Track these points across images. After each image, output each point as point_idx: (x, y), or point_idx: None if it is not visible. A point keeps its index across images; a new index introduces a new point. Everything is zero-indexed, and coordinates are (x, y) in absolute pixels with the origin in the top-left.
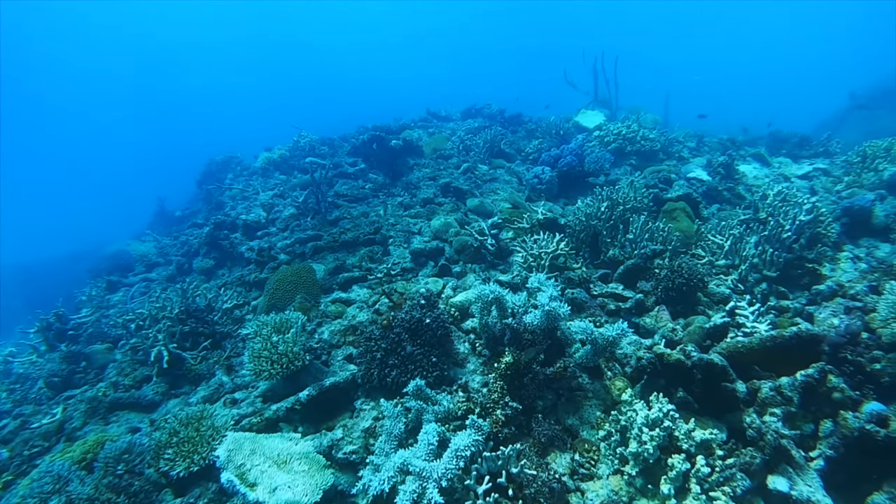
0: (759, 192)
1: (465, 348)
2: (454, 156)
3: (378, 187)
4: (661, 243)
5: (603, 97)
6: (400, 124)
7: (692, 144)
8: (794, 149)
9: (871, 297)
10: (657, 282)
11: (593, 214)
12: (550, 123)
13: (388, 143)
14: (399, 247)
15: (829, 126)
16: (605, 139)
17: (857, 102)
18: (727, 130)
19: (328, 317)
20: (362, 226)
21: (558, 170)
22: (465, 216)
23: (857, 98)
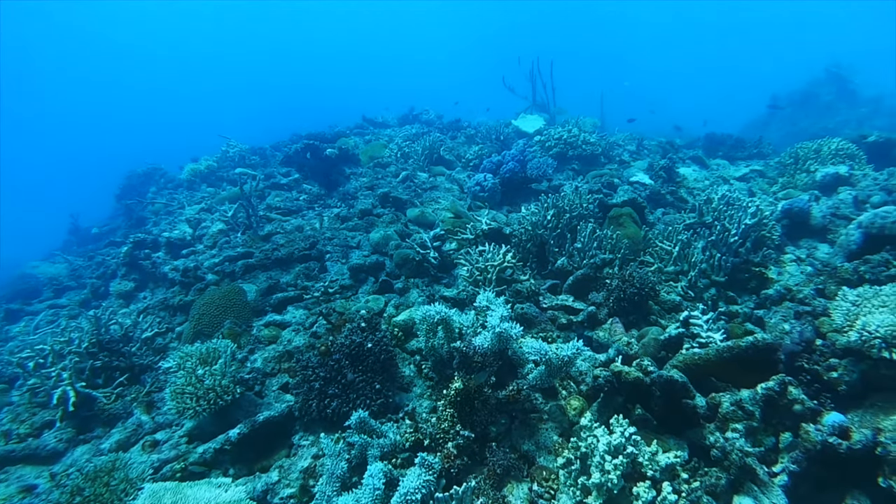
0: (700, 195)
1: (410, 371)
2: (392, 164)
3: (313, 198)
4: (609, 252)
5: (541, 101)
6: (335, 132)
7: (632, 148)
8: (730, 151)
9: (819, 301)
10: (609, 293)
11: (539, 223)
12: (490, 128)
13: (323, 151)
14: (337, 262)
15: (755, 128)
16: (547, 144)
17: (771, 104)
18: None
19: (261, 342)
20: (297, 241)
21: (500, 176)
22: (405, 227)
23: (779, 102)
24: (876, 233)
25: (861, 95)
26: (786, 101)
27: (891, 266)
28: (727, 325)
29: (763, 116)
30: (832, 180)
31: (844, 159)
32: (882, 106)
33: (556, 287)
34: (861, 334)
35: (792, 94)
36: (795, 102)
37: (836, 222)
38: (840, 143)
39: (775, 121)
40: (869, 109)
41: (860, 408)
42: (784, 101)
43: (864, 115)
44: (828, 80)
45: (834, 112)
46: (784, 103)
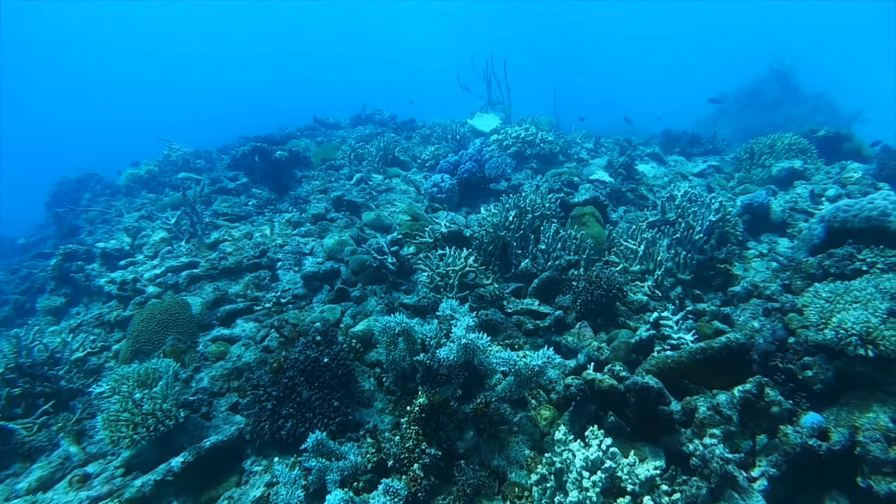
0: (660, 192)
1: (370, 385)
2: (345, 166)
3: (263, 203)
4: (574, 252)
5: (496, 100)
6: (285, 134)
7: (590, 145)
8: (687, 147)
9: (787, 297)
10: (575, 295)
11: (501, 224)
12: (446, 128)
13: (272, 154)
14: (289, 270)
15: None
16: (504, 143)
17: (711, 98)
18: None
19: (208, 359)
20: (246, 248)
21: (458, 177)
22: (361, 232)
23: (727, 99)
24: (838, 226)
25: (804, 92)
26: (734, 98)
27: (855, 259)
28: (695, 325)
29: (713, 113)
30: (787, 174)
31: (797, 154)
32: (823, 102)
33: (521, 290)
34: (837, 332)
35: (740, 92)
36: (743, 99)
37: (795, 216)
38: (792, 139)
39: (725, 117)
40: (811, 105)
41: (835, 405)
42: (732, 99)
43: (807, 111)
44: (772, 77)
45: (779, 108)
46: (732, 100)
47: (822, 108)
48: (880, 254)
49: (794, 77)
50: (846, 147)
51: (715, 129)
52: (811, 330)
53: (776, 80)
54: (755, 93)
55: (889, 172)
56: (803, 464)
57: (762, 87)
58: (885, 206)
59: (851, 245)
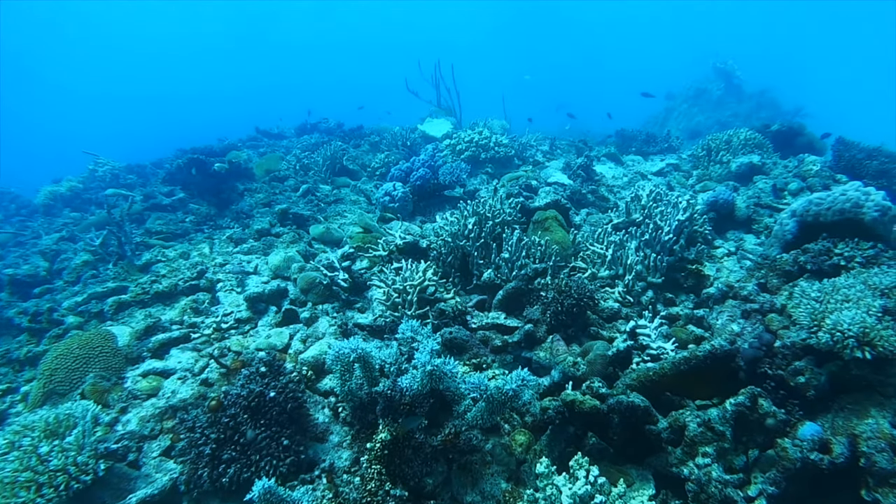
0: (621, 193)
1: (325, 416)
2: (291, 177)
3: (202, 219)
4: (540, 260)
5: (446, 105)
6: (225, 145)
7: (545, 148)
8: (643, 146)
9: (764, 297)
10: (545, 306)
11: (460, 233)
12: (396, 134)
13: (210, 167)
14: (231, 292)
15: (655, 123)
16: (458, 147)
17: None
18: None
19: (138, 397)
20: (182, 270)
21: (411, 185)
22: (309, 247)
23: (674, 98)
24: (811, 220)
25: (746, 90)
26: (682, 97)
27: (833, 254)
28: (669, 330)
29: (662, 112)
30: (747, 169)
31: (753, 149)
32: (765, 99)
33: (484, 303)
34: (832, 334)
35: (687, 90)
36: (690, 98)
37: (760, 212)
38: (748, 134)
39: (673, 116)
40: (754, 103)
41: (829, 412)
42: (680, 98)
43: (751, 108)
44: (716, 76)
45: (725, 106)
46: (680, 99)
47: (764, 104)
48: (856, 247)
49: (736, 76)
50: (799, 141)
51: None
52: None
53: (720, 79)
54: (701, 91)
55: (846, 164)
56: (802, 479)
57: (707, 86)
58: (857, 198)
59: (826, 239)
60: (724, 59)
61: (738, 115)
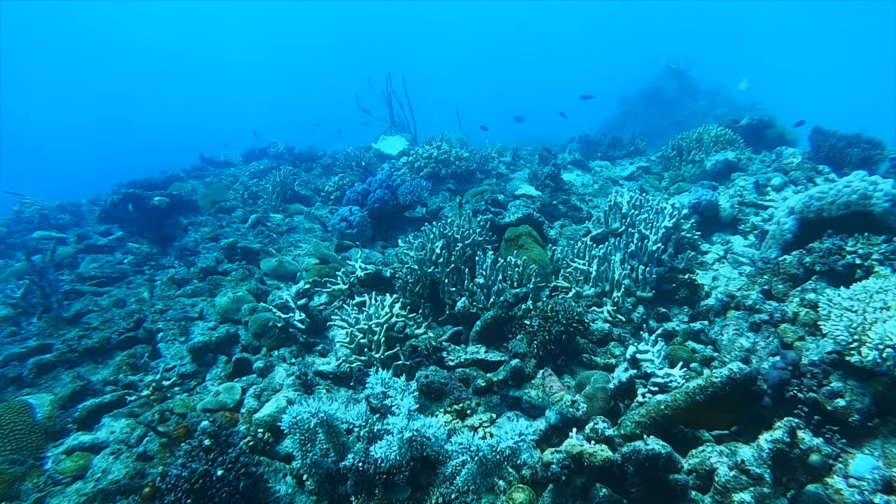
0: (593, 201)
1: (287, 486)
2: (239, 207)
3: (142, 260)
4: (519, 283)
5: (400, 121)
6: (167, 176)
7: (507, 159)
8: (609, 150)
9: (771, 305)
10: (530, 336)
11: (427, 259)
12: (349, 155)
13: (149, 201)
14: (174, 342)
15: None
16: (416, 164)
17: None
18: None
19: (59, 482)
20: (116, 319)
21: (369, 208)
22: (260, 284)
23: (629, 99)
24: (813, 217)
25: (700, 88)
26: (637, 98)
27: (845, 253)
28: (668, 349)
29: (618, 115)
30: (723, 167)
31: (725, 146)
32: (720, 96)
33: (460, 335)
34: (881, 350)
35: (641, 92)
36: (646, 99)
37: (745, 211)
38: (718, 130)
39: (630, 118)
40: (709, 101)
41: (875, 437)
42: (636, 99)
43: (707, 106)
44: (669, 76)
45: (680, 106)
46: (636, 101)
47: (719, 102)
48: (868, 243)
49: (689, 74)
50: (770, 133)
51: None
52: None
53: (674, 79)
54: (656, 92)
55: (826, 153)
56: None
57: (662, 86)
58: (864, 189)
59: (833, 236)
60: (677, 59)
61: (694, 114)
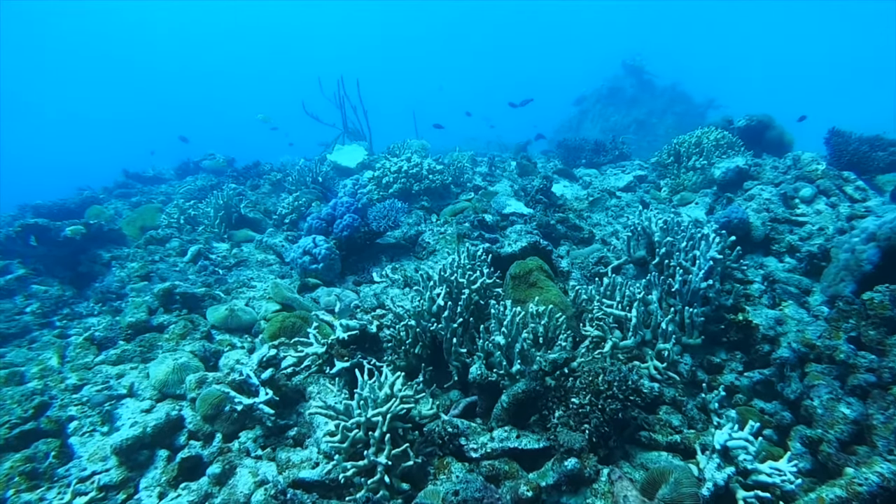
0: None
1: None
2: (174, 235)
3: (51, 307)
4: (545, 339)
5: (353, 128)
6: (83, 197)
7: (483, 169)
8: (593, 156)
9: (866, 357)
10: (579, 418)
11: (427, 312)
12: (302, 169)
13: (60, 232)
14: (92, 434)
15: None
16: (384, 180)
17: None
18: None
19: None
20: (8, 405)
21: (336, 237)
22: (208, 341)
23: (586, 99)
24: None
25: (658, 85)
26: (594, 97)
27: None
28: (737, 416)
29: (576, 115)
30: (735, 176)
31: (727, 149)
32: (676, 93)
33: (474, 407)
34: None
35: (599, 90)
36: (603, 98)
37: (779, 228)
38: (718, 134)
39: (588, 118)
40: (667, 97)
41: None
42: (593, 98)
43: (665, 103)
44: (626, 73)
45: (639, 103)
46: (593, 100)
47: (677, 98)
48: None
49: (646, 71)
50: (769, 135)
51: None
52: None
53: (632, 76)
54: (614, 90)
55: (849, 158)
56: None
57: (620, 84)
58: None
59: None
60: (633, 55)
61: (653, 112)
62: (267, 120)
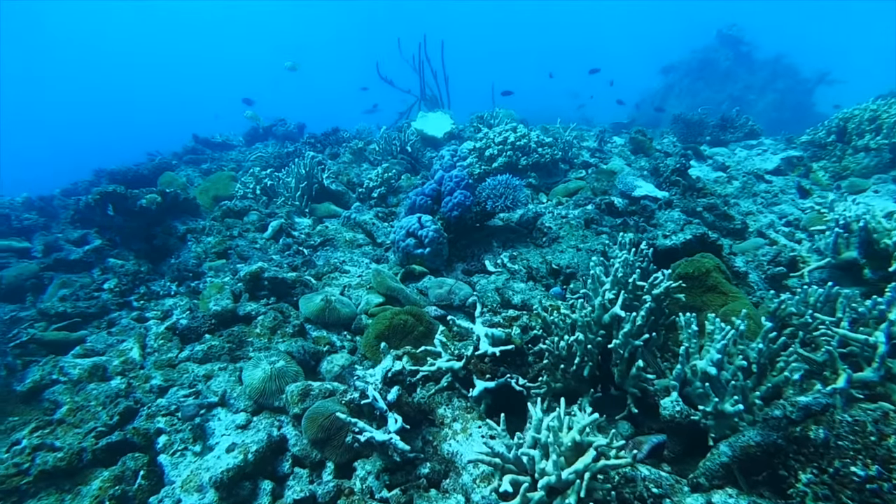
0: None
1: None
2: (252, 208)
3: (127, 284)
4: (758, 366)
5: (431, 95)
6: (155, 163)
7: (592, 143)
8: (719, 133)
9: None
10: (843, 489)
11: (595, 323)
12: (389, 138)
13: (136, 202)
14: (184, 454)
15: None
16: (487, 152)
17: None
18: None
19: None
20: (93, 406)
21: (444, 217)
22: (302, 337)
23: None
24: None
25: (757, 58)
26: (683, 71)
27: None
28: None
29: (660, 89)
30: None
31: None
32: (781, 66)
33: (662, 448)
34: None
35: (688, 63)
36: (693, 71)
37: None
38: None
39: (673, 93)
40: (769, 71)
41: None
42: (681, 72)
43: (766, 78)
44: (722, 44)
45: (734, 78)
46: (681, 74)
47: (780, 73)
48: None
49: (745, 42)
50: None
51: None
52: None
53: (727, 47)
54: (706, 63)
55: None
56: None
57: (713, 56)
58: None
59: None
60: (730, 25)
61: (751, 88)
62: (295, 68)
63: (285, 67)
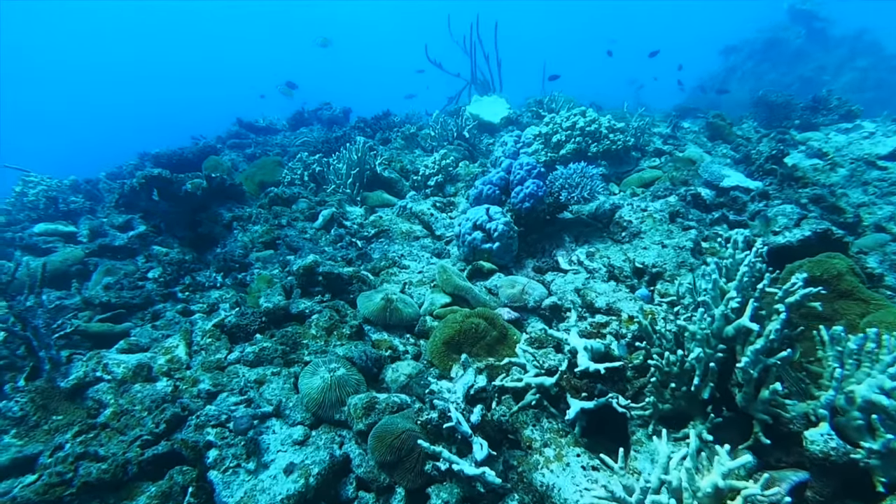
0: (851, 195)
1: None
2: (301, 195)
3: (172, 273)
4: None
5: (482, 79)
6: (200, 147)
7: (664, 129)
8: (809, 115)
9: None
10: None
11: (712, 335)
12: (444, 122)
13: (181, 187)
14: (236, 472)
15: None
16: (555, 139)
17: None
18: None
19: None
20: (138, 411)
21: (514, 209)
22: (363, 345)
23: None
24: None
25: (833, 35)
26: (746, 53)
27: None
28: None
29: (720, 71)
30: None
31: None
32: (862, 43)
33: (801, 491)
34: None
35: (752, 43)
36: (757, 53)
37: None
38: None
39: (735, 77)
40: (847, 49)
41: None
42: (744, 54)
43: (843, 56)
44: (793, 20)
45: (806, 58)
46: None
47: (861, 51)
48: None
49: (819, 17)
50: None
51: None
52: None
53: (799, 23)
54: (773, 43)
55: None
56: None
57: (782, 36)
58: None
59: None
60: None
61: (825, 68)
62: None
63: (316, 44)
